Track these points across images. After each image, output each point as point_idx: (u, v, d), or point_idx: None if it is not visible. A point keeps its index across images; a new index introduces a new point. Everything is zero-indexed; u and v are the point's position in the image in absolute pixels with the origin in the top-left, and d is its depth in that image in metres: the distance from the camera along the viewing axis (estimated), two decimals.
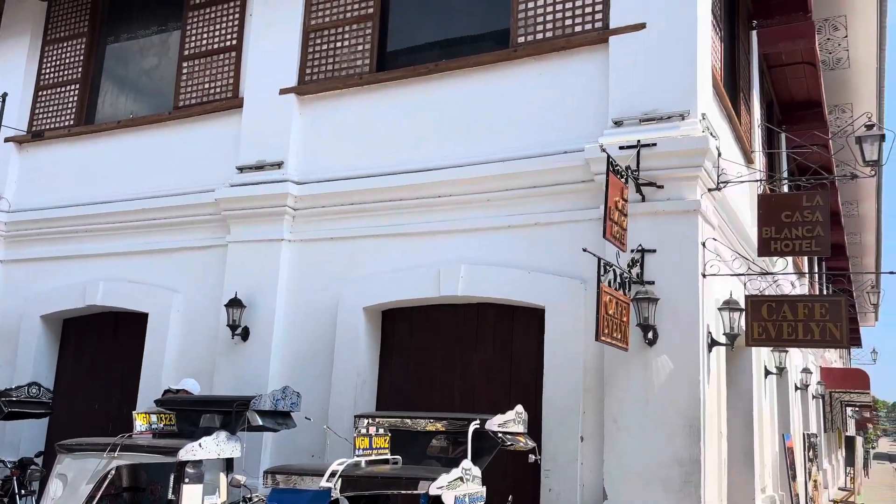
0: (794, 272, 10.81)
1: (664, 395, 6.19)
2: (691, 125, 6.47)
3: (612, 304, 5.86)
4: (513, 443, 5.47)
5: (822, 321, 6.04)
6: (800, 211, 6.29)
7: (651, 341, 6.34)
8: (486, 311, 7.45)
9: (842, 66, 12.86)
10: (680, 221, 6.52)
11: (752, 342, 6.34)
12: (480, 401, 7.23)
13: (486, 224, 7.34)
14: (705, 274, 6.51)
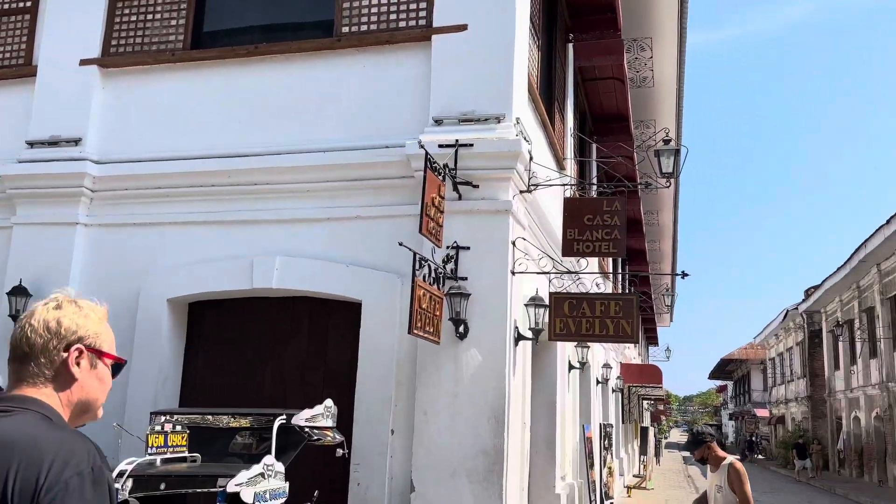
0: (598, 272, 11.55)
1: (472, 388, 6.37)
2: (506, 128, 6.70)
3: (426, 299, 5.93)
4: (320, 437, 5.38)
5: (616, 318, 6.47)
6: (601, 215, 6.71)
7: (462, 335, 6.49)
8: (302, 304, 7.29)
9: (647, 84, 13.96)
10: (493, 221, 6.73)
11: (555, 336, 6.68)
12: (293, 396, 7.04)
13: (304, 215, 7.18)
14: (514, 271, 6.77)
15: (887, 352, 25.41)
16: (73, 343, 1.84)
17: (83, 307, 1.90)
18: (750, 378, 57.34)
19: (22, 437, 1.64)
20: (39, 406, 1.77)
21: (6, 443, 1.63)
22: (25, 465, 1.59)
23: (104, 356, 1.94)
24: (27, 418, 1.72)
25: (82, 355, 1.86)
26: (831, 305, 33.13)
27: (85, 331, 1.88)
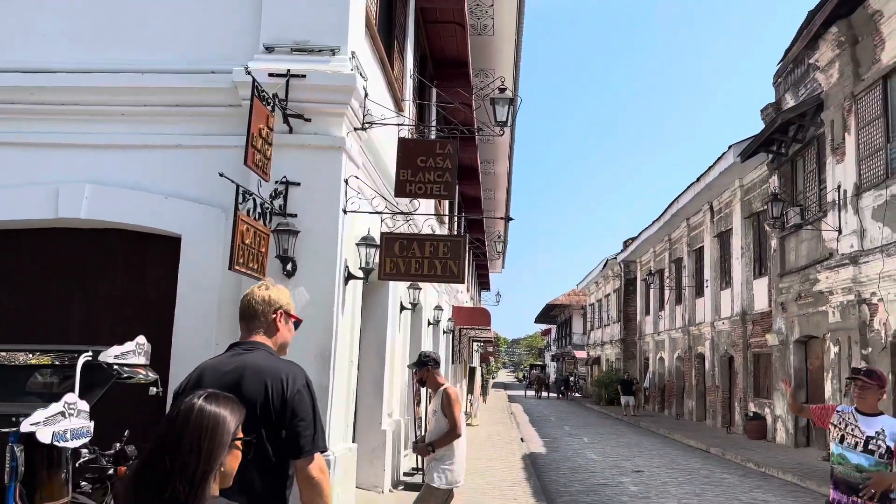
0: (432, 214, 11.68)
1: (299, 326, 6.28)
2: (341, 62, 6.53)
3: (250, 234, 5.73)
4: (132, 375, 5.11)
5: (444, 258, 6.60)
6: (434, 157, 6.76)
7: (290, 273, 6.36)
8: (116, 237, 6.81)
9: (487, 32, 14.11)
10: (325, 157, 6.59)
11: (384, 276, 6.72)
12: (105, 334, 6.60)
13: (119, 141, 6.67)
14: (346, 210, 6.70)
15: (690, 299, 28.04)
16: (277, 309, 3.02)
17: (280, 288, 3.11)
18: (571, 322, 61.28)
19: (265, 365, 2.80)
20: (265, 347, 2.95)
21: (258, 368, 2.77)
22: (273, 380, 2.73)
23: (291, 317, 3.12)
24: (262, 354, 2.89)
25: (281, 316, 3.04)
26: (646, 256, 35.93)
27: (282, 302, 3.05)
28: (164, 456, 1.89)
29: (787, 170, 18.82)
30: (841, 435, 5.04)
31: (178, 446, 1.89)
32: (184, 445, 1.90)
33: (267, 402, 2.69)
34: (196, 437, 1.92)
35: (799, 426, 17.98)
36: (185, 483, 1.85)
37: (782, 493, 11.48)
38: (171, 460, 1.87)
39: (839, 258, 15.05)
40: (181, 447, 1.89)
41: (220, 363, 2.87)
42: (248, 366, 2.78)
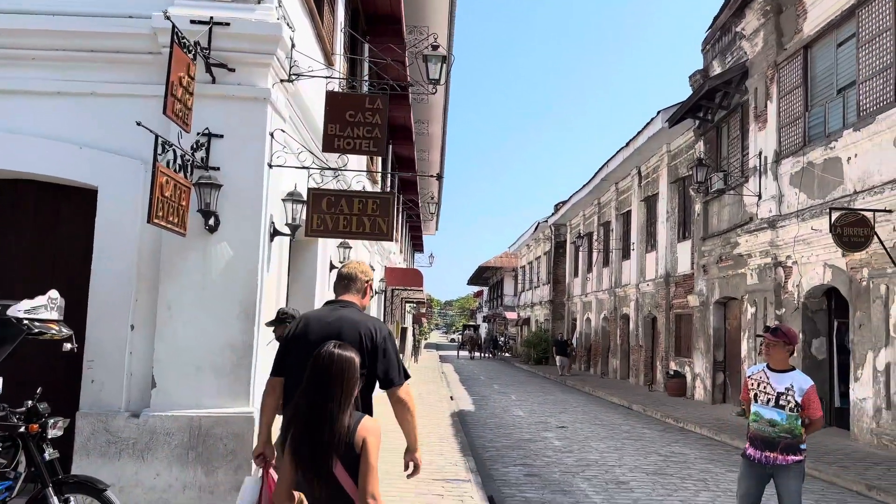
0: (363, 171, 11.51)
1: (222, 282, 6.16)
2: (266, 10, 6.32)
3: (170, 187, 5.54)
4: (43, 331, 4.90)
5: (373, 216, 6.54)
6: (363, 112, 6.65)
7: (212, 228, 6.20)
8: (27, 188, 6.50)
9: None
10: (249, 108, 6.40)
11: (312, 232, 6.62)
12: (14, 289, 6.33)
13: (29, 87, 6.34)
14: (272, 164, 6.55)
15: (617, 261, 28.74)
16: (368, 281, 4.01)
17: (368, 267, 4.10)
18: (503, 284, 62.10)
19: (358, 318, 3.73)
20: (355, 306, 3.88)
21: (353, 320, 3.68)
22: (364, 330, 3.65)
23: (371, 288, 4.07)
24: (354, 310, 3.83)
25: (369, 286, 4.03)
26: (575, 219, 36.56)
27: (370, 276, 4.07)
28: (318, 389, 2.91)
29: (713, 136, 19.34)
30: (755, 393, 5.28)
31: (329, 381, 2.93)
32: (333, 380, 2.95)
33: (361, 346, 3.63)
34: (340, 374, 2.95)
35: (716, 384, 18.79)
36: (336, 406, 2.90)
37: (699, 447, 12.02)
38: (323, 392, 2.89)
39: (758, 222, 15.63)
40: (331, 382, 2.93)
41: (323, 315, 3.85)
42: (346, 319, 3.76)
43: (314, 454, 2.88)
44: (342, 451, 2.89)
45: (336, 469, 2.88)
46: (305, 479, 2.93)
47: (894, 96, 11.59)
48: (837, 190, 13.00)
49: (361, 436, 2.93)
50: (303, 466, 2.92)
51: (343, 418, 2.89)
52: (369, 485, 2.87)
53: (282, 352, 3.87)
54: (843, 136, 12.83)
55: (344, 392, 2.92)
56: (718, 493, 8.41)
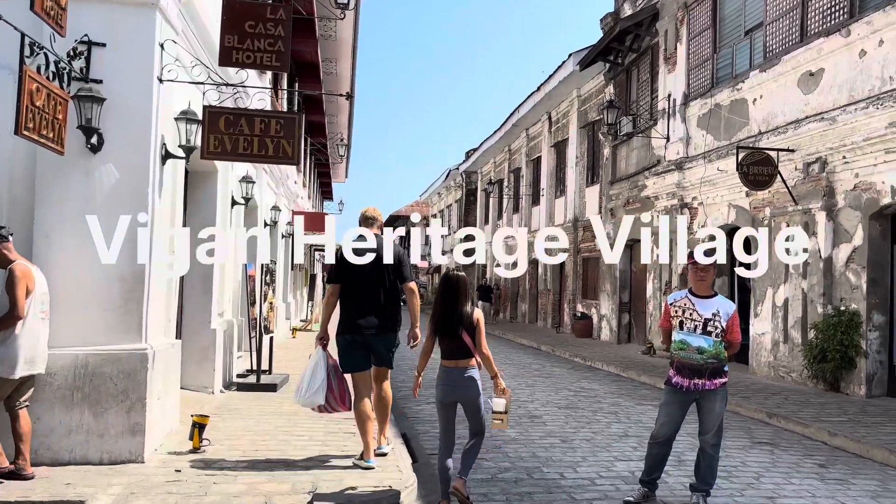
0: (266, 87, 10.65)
1: (108, 208, 5.55)
2: None
3: (42, 96, 4.88)
4: None
5: (276, 137, 6.04)
6: (264, 23, 6.07)
7: (95, 147, 5.58)
8: None
9: None
10: (136, 15, 5.75)
11: (208, 154, 6.06)
12: None
13: None
14: (162, 79, 5.93)
15: (527, 207, 28.91)
16: (382, 220, 6.19)
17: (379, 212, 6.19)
18: None
19: (387, 241, 5.98)
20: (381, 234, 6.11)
21: (386, 242, 5.94)
22: (397, 249, 6.02)
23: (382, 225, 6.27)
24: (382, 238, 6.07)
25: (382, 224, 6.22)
26: (486, 167, 36.51)
27: (382, 218, 6.25)
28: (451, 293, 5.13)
29: (623, 79, 19.41)
30: (680, 321, 5.17)
31: (457, 289, 5.12)
32: (459, 288, 5.14)
33: (395, 259, 5.92)
34: (462, 285, 5.16)
35: (622, 324, 19.26)
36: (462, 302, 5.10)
37: (607, 382, 12.22)
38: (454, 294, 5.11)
39: (666, 165, 15.85)
40: (458, 289, 5.12)
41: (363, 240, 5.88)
42: (383, 242, 5.90)
43: (452, 326, 5.11)
44: (465, 324, 5.11)
45: (462, 334, 5.09)
46: (445, 339, 5.17)
47: (800, 37, 11.79)
48: (743, 131, 13.25)
49: (476, 317, 5.18)
50: (444, 334, 5.16)
51: (465, 308, 5.14)
52: (483, 341, 5.17)
53: (338, 267, 5.98)
54: (750, 78, 13.03)
55: (465, 294, 5.22)
56: (630, 424, 8.50)
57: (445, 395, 5.14)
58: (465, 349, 5.08)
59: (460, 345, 5.07)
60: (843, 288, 10.71)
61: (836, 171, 10.86)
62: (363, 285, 5.86)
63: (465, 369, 5.09)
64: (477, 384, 5.15)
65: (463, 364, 5.09)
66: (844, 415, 8.82)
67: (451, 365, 5.11)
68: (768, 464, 6.73)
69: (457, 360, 5.10)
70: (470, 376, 5.09)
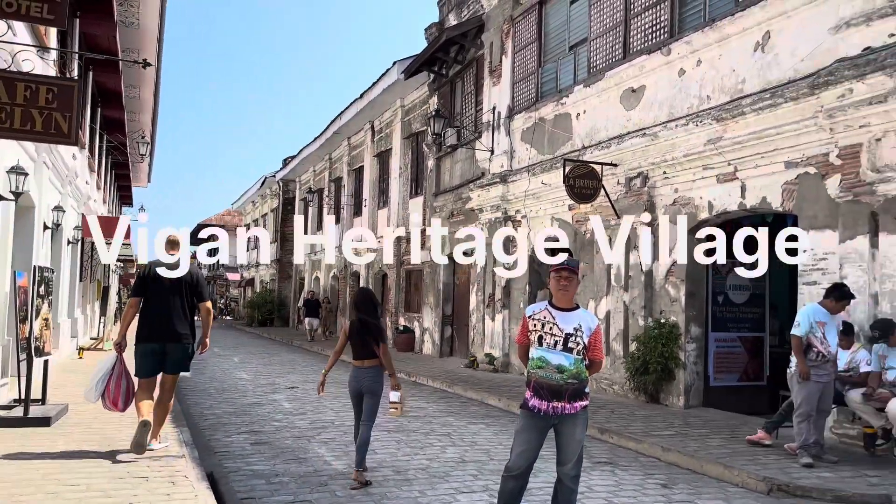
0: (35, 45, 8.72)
1: None
2: None
3: None
4: None
5: (48, 108, 4.79)
6: None
7: None
8: None
9: None
10: None
11: None
12: None
13: None
14: None
15: (349, 218, 28.03)
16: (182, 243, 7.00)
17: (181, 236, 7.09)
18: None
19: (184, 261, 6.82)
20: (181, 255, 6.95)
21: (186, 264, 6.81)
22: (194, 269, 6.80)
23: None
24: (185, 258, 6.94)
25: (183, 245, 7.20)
26: (305, 175, 35.19)
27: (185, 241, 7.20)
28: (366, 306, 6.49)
29: (447, 91, 19.21)
30: (539, 336, 4.57)
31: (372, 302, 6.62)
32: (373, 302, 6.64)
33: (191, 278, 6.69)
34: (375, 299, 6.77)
35: (444, 337, 18.93)
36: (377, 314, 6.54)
37: (434, 399, 11.65)
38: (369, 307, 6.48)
39: (490, 177, 15.71)
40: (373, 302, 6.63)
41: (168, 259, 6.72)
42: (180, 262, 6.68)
43: (364, 332, 6.30)
44: (374, 332, 6.27)
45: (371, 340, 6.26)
46: (357, 343, 6.33)
47: (623, 54, 12.01)
48: (567, 145, 13.34)
49: (382, 326, 6.35)
50: (357, 339, 6.31)
51: (374, 318, 6.40)
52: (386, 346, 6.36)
53: (141, 282, 6.67)
54: (574, 93, 13.15)
55: (378, 308, 6.60)
56: (465, 447, 7.92)
57: (356, 388, 6.39)
58: (372, 352, 6.29)
59: (368, 348, 6.29)
60: (663, 301, 10.93)
61: (657, 186, 11.10)
62: (163, 300, 6.55)
63: (371, 368, 6.33)
64: (379, 380, 6.34)
65: (369, 364, 6.33)
66: (671, 427, 8.84)
67: (360, 365, 6.37)
68: (613, 486, 6.39)
69: (363, 360, 6.35)
70: (375, 374, 6.32)
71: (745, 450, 7.59)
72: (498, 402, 11.31)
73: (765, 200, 9.29)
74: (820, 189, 8.47)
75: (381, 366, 6.32)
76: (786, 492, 6.24)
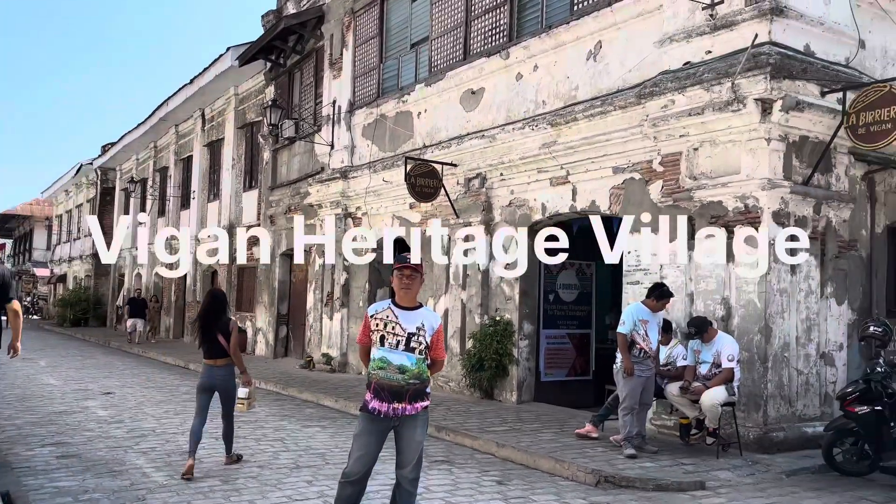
0: None
1: None
2: None
3: None
4: None
5: None
6: None
7: None
8: None
9: None
10: None
11: None
12: None
13: None
14: None
15: (175, 210, 26.44)
16: None
17: None
18: (33, 236, 53.56)
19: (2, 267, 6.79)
20: None
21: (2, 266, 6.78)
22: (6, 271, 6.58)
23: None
24: None
25: None
26: (127, 163, 32.81)
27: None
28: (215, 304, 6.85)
29: (285, 81, 18.60)
30: (381, 335, 4.40)
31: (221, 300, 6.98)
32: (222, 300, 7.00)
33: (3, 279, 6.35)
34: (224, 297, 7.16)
35: (279, 337, 18.31)
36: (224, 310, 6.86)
37: (267, 402, 11.14)
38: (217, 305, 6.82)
39: (330, 172, 15.35)
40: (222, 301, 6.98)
41: None
42: None
43: (212, 332, 6.62)
44: (223, 331, 6.61)
45: (220, 339, 6.59)
46: (206, 342, 6.65)
47: (463, 55, 12.13)
48: (408, 143, 13.29)
49: (231, 326, 6.68)
50: (206, 338, 6.64)
51: (223, 318, 6.71)
52: (235, 344, 6.63)
53: None
54: (416, 91, 13.13)
55: (225, 305, 6.98)
56: (300, 451, 7.61)
57: (207, 385, 6.65)
58: (221, 350, 6.60)
59: (218, 347, 6.59)
60: (498, 299, 11.15)
61: (495, 188, 11.31)
62: None
63: (221, 367, 6.64)
64: (231, 378, 6.67)
65: (220, 363, 6.63)
66: (505, 423, 9.01)
67: (211, 363, 6.65)
68: (450, 486, 6.36)
69: (215, 358, 6.64)
70: (225, 371, 6.63)
71: (574, 443, 7.87)
72: (335, 404, 11.04)
73: (594, 204, 9.71)
74: (644, 194, 8.97)
75: (234, 364, 6.70)
76: (612, 483, 6.51)
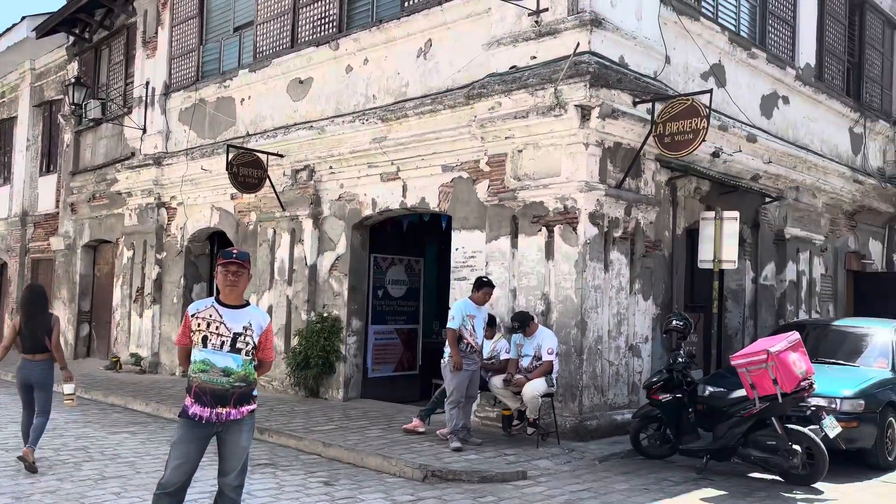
0: None
1: None
2: None
3: None
4: None
5: None
6: None
7: None
8: None
9: None
10: None
11: None
12: None
13: None
14: None
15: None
16: None
17: None
18: None
19: None
20: None
21: None
22: None
23: None
24: None
25: None
26: None
27: None
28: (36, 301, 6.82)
29: (91, 57, 17.08)
30: (203, 336, 4.08)
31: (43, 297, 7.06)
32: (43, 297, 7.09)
33: None
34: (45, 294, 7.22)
35: (80, 336, 16.82)
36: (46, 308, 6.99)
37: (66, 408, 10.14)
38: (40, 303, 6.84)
39: (142, 158, 14.29)
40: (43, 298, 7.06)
41: None
42: None
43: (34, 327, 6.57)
44: (44, 325, 6.60)
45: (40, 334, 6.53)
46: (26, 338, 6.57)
47: (290, 43, 11.74)
48: (230, 131, 12.67)
49: (55, 321, 6.75)
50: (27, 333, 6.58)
51: (45, 313, 6.79)
52: (57, 339, 6.63)
53: None
54: (239, 77, 12.54)
55: (46, 299, 7.04)
56: (105, 461, 6.99)
57: (25, 380, 6.67)
58: (42, 346, 6.58)
59: (39, 342, 6.56)
60: (326, 295, 10.93)
61: (324, 181, 11.06)
62: None
63: (41, 362, 6.63)
64: (51, 374, 6.65)
65: (39, 357, 6.62)
66: (332, 421, 8.85)
67: (31, 358, 6.63)
68: (275, 489, 6.11)
69: (34, 354, 6.61)
70: (45, 367, 6.61)
71: (401, 438, 7.88)
72: (145, 408, 10.30)
73: (423, 201, 9.78)
74: (471, 193, 9.16)
75: (53, 359, 6.67)
76: (439, 477, 6.57)
